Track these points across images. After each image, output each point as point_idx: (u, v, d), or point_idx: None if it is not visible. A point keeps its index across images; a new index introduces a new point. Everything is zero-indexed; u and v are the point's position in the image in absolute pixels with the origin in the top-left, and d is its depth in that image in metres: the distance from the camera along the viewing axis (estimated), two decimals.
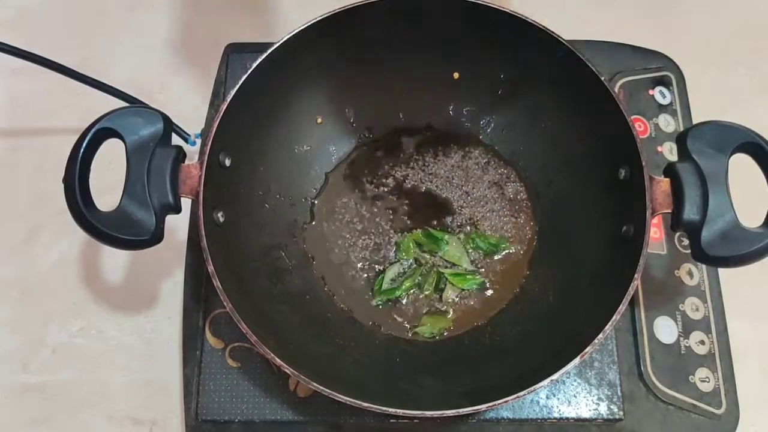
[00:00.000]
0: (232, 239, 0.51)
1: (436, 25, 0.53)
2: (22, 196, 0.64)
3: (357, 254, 0.58)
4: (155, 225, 0.43)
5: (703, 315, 0.55)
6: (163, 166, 0.44)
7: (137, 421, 0.56)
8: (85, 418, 0.56)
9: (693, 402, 0.52)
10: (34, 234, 0.63)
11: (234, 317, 0.44)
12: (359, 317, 0.56)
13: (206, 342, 0.54)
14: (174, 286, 0.60)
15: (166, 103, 0.66)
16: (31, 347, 0.59)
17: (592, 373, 0.53)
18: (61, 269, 0.61)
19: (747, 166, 0.45)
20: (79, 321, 0.60)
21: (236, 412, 0.52)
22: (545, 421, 0.52)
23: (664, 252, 0.57)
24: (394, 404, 0.43)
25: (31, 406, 0.57)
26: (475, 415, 0.51)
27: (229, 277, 0.46)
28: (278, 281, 0.54)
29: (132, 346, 0.59)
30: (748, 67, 0.71)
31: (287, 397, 0.52)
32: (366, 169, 0.61)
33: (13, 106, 0.68)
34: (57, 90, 0.66)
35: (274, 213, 0.57)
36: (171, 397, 0.56)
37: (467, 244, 0.58)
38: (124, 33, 0.72)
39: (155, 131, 0.44)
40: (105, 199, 0.45)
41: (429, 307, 0.56)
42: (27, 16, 0.72)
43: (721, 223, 0.43)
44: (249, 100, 0.49)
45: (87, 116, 0.45)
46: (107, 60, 0.70)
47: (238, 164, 0.51)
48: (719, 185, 0.43)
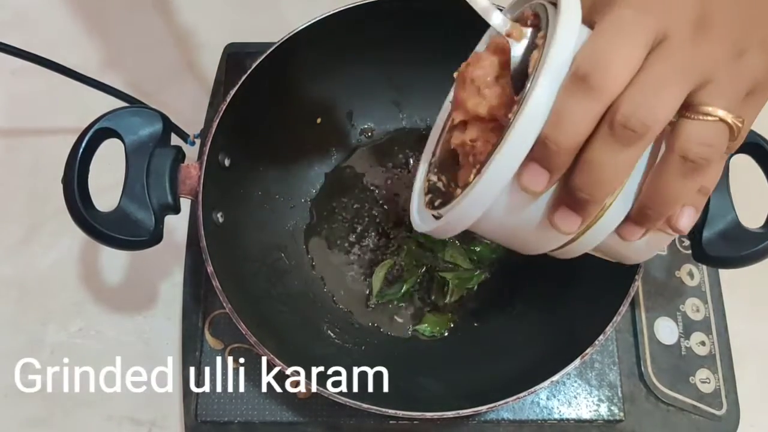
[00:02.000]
0: (232, 240, 0.50)
1: (436, 24, 0.53)
2: (21, 196, 0.64)
3: (356, 255, 0.58)
4: (154, 225, 0.43)
5: (704, 316, 0.55)
6: (163, 166, 0.44)
7: (136, 421, 0.56)
8: (84, 419, 0.56)
9: (693, 403, 0.52)
10: (33, 234, 0.63)
11: (233, 318, 0.44)
12: (359, 318, 0.56)
13: (206, 343, 0.54)
14: (173, 286, 0.59)
15: (165, 103, 0.66)
16: (30, 347, 0.58)
17: (592, 374, 0.53)
18: (60, 269, 0.61)
19: (748, 167, 0.45)
20: (79, 321, 0.59)
21: (235, 413, 0.52)
22: (546, 422, 0.52)
23: (664, 252, 0.56)
24: (394, 405, 0.43)
25: (29, 406, 0.57)
26: (476, 417, 0.51)
27: (228, 278, 0.45)
28: (278, 282, 0.54)
29: (131, 346, 0.58)
30: None
31: (287, 398, 0.52)
32: (366, 169, 0.61)
33: (13, 106, 0.68)
34: (56, 90, 0.66)
35: (273, 213, 0.57)
36: (170, 398, 0.56)
37: (467, 244, 0.58)
38: (124, 33, 0.72)
39: (154, 131, 0.44)
40: (104, 199, 0.45)
41: (429, 308, 0.56)
42: (26, 16, 0.72)
43: (722, 224, 0.43)
44: (248, 100, 0.49)
45: (86, 116, 0.45)
46: (106, 60, 0.70)
47: (238, 164, 0.51)
48: (720, 185, 0.43)
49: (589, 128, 0.30)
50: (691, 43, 0.31)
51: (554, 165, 0.31)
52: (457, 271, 0.56)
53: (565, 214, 0.32)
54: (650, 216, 0.33)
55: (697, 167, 0.31)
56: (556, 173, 0.31)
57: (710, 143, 0.31)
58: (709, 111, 0.31)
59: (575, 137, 0.30)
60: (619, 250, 0.38)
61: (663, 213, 0.33)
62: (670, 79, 0.30)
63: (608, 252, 0.38)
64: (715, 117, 0.31)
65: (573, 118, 0.30)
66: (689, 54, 0.31)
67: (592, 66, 0.30)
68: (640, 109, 0.29)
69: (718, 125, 0.31)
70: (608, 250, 0.38)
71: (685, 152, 0.31)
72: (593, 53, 0.30)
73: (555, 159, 0.30)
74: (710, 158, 0.31)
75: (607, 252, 0.38)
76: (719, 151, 0.31)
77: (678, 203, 0.33)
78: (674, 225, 0.34)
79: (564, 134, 0.30)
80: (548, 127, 0.30)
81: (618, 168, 0.30)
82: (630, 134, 0.29)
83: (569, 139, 0.30)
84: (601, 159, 0.30)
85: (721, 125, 0.31)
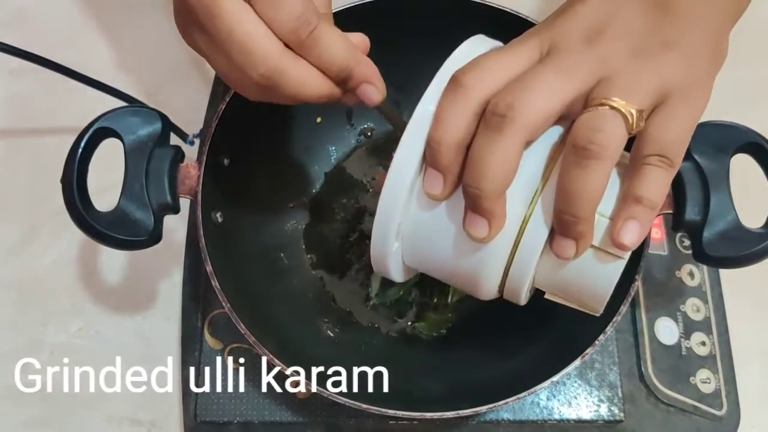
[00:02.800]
0: (231, 239, 0.50)
1: (436, 24, 0.53)
2: (20, 196, 0.64)
3: (356, 255, 0.58)
4: (153, 225, 0.43)
5: (704, 316, 0.55)
6: (162, 166, 0.44)
7: (136, 421, 0.56)
8: (84, 419, 0.56)
9: (694, 403, 0.52)
10: (33, 234, 0.62)
11: (232, 318, 0.44)
12: (358, 318, 0.56)
13: (205, 343, 0.54)
14: (173, 286, 0.59)
15: (164, 102, 0.66)
16: (30, 348, 0.58)
17: (592, 374, 0.53)
18: (59, 269, 0.61)
19: (748, 167, 0.44)
20: (78, 321, 0.59)
21: (235, 413, 0.52)
22: (546, 422, 0.51)
23: (665, 252, 0.56)
24: (394, 406, 0.43)
25: (29, 406, 0.56)
26: (475, 417, 0.51)
27: (227, 278, 0.45)
28: (277, 282, 0.54)
29: (131, 346, 0.58)
30: (750, 67, 0.70)
31: (286, 398, 0.52)
32: (365, 169, 0.61)
33: (11, 105, 0.68)
34: (55, 89, 0.66)
35: (273, 213, 0.57)
36: (170, 398, 0.56)
37: None
38: (123, 32, 0.71)
39: (153, 131, 0.44)
40: (103, 199, 0.45)
41: (429, 307, 0.56)
42: (25, 15, 0.72)
43: (723, 224, 0.43)
44: (248, 100, 0.49)
45: (85, 116, 0.44)
46: (106, 59, 0.70)
47: (237, 164, 0.51)
48: (721, 185, 0.43)
49: (465, 124, 0.32)
50: (580, 49, 0.33)
51: (441, 164, 0.33)
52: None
53: (471, 218, 0.34)
54: (568, 221, 0.33)
55: (589, 153, 0.31)
56: (448, 174, 0.33)
57: (599, 128, 0.31)
58: (603, 102, 0.32)
59: (453, 133, 0.32)
60: (571, 285, 0.37)
61: (578, 215, 0.32)
62: (549, 76, 0.32)
63: (562, 288, 0.38)
64: (606, 106, 0.32)
65: (448, 116, 0.32)
66: (575, 57, 0.33)
67: (466, 71, 0.33)
68: (508, 96, 0.31)
69: (609, 112, 0.32)
70: (559, 285, 0.37)
71: (574, 140, 0.32)
72: (471, 63, 0.34)
73: (440, 158, 0.33)
74: (602, 144, 0.31)
75: (561, 288, 0.38)
76: (613, 138, 0.31)
77: (586, 201, 0.32)
78: (615, 239, 0.33)
79: (442, 131, 0.32)
80: (431, 128, 0.33)
81: (497, 157, 0.31)
82: (498, 120, 0.31)
83: (448, 136, 0.32)
84: (480, 150, 0.32)
85: (613, 112, 0.31)
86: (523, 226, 0.34)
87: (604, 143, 0.31)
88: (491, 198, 0.32)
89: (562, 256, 0.34)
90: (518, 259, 0.35)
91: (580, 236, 0.33)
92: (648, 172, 0.33)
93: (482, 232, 0.33)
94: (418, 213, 0.36)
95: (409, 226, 0.37)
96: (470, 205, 0.33)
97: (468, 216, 0.34)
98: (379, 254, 0.38)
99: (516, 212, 0.34)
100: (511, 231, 0.34)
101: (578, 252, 0.34)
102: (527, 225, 0.34)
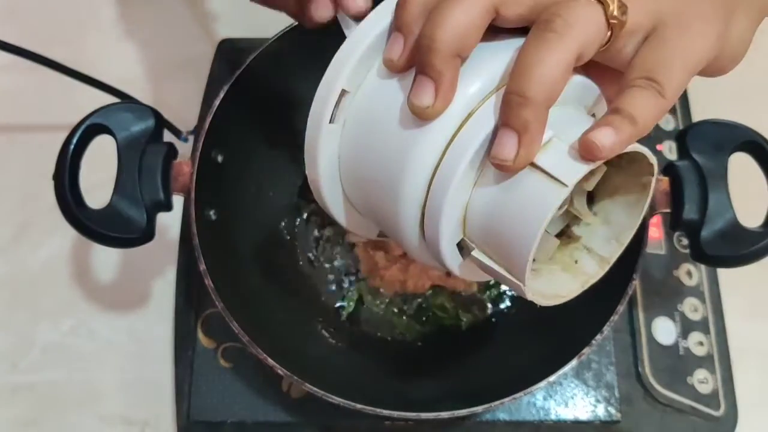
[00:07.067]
0: (225, 237, 0.50)
1: None
2: (11, 193, 0.64)
3: (353, 254, 0.57)
4: (146, 222, 0.43)
5: (702, 316, 0.54)
6: (155, 163, 0.43)
7: (128, 421, 0.56)
8: (76, 419, 0.56)
9: (691, 404, 0.52)
10: (24, 232, 0.62)
11: (225, 316, 0.43)
12: (354, 318, 0.55)
13: (198, 342, 0.53)
14: (166, 285, 0.59)
15: (158, 99, 0.66)
16: (21, 346, 0.58)
17: (589, 374, 0.52)
18: (51, 268, 0.61)
19: (747, 165, 0.44)
20: (70, 320, 0.59)
21: (228, 413, 0.51)
22: (542, 423, 0.51)
23: (662, 252, 0.56)
24: (389, 406, 0.42)
25: (20, 406, 0.56)
26: (471, 417, 0.51)
27: (221, 276, 0.45)
28: (272, 280, 0.54)
29: (123, 345, 0.58)
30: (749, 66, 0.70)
31: (280, 398, 0.52)
32: None
33: (3, 101, 0.68)
34: (47, 86, 0.65)
35: (267, 210, 0.56)
36: (163, 398, 0.55)
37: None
38: (116, 28, 0.71)
39: (146, 127, 0.44)
40: (95, 196, 0.44)
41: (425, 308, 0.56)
42: (17, 10, 0.71)
43: (721, 223, 0.43)
44: (242, 97, 0.49)
45: (77, 112, 0.44)
46: (98, 55, 0.69)
47: (231, 161, 0.51)
48: (719, 184, 0.43)
49: None
50: None
51: (403, 21, 0.31)
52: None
53: (417, 82, 0.30)
54: (513, 102, 0.29)
55: (552, 26, 0.28)
56: (409, 34, 0.31)
57: (568, 4, 0.29)
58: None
59: None
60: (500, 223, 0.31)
61: (526, 94, 0.28)
62: None
63: (491, 232, 0.31)
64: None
65: None
66: None
67: None
68: None
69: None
70: (488, 226, 0.31)
71: (542, 17, 0.29)
72: None
73: (403, 14, 0.31)
74: (568, 20, 0.28)
75: (490, 232, 0.31)
76: (583, 17, 0.29)
77: (537, 78, 0.28)
78: (583, 138, 0.29)
79: None
80: None
81: (459, 9, 0.29)
82: None
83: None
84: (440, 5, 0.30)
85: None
86: (467, 119, 0.31)
87: (571, 20, 0.28)
88: (444, 53, 0.29)
89: (499, 157, 0.29)
90: (450, 155, 0.31)
91: (524, 128, 0.28)
92: (633, 92, 0.30)
93: (426, 99, 0.30)
94: (366, 94, 0.34)
95: (354, 109, 0.35)
96: (420, 64, 0.30)
97: (416, 81, 0.30)
98: (313, 134, 0.37)
99: (464, 101, 0.31)
100: (453, 118, 0.31)
101: (519, 155, 0.29)
102: (471, 118, 0.31)
